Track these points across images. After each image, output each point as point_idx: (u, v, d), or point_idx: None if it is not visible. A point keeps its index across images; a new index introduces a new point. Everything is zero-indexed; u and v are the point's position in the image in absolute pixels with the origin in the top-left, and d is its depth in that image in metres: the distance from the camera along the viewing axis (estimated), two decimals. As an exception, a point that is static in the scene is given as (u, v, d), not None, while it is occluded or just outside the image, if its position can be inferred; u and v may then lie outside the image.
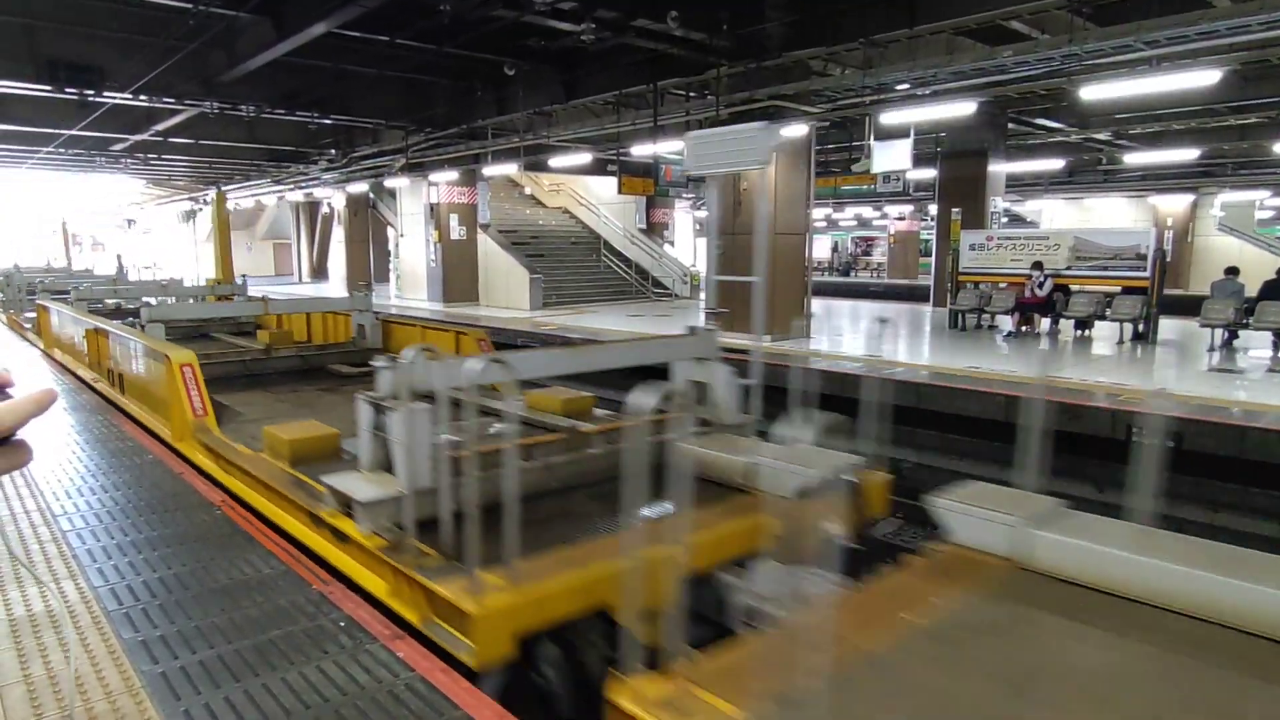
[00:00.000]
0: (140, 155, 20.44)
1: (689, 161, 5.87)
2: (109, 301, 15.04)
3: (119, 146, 18.88)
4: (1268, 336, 10.87)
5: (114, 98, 12.62)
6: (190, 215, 34.94)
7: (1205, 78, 10.03)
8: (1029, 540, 3.42)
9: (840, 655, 2.68)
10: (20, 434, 0.88)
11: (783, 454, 4.39)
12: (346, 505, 4.20)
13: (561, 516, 4.55)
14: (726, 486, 4.69)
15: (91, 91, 12.13)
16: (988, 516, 3.55)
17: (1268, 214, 30.50)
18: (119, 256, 37.33)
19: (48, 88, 11.87)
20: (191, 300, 14.86)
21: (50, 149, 18.86)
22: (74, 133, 16.01)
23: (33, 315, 14.85)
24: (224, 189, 29.58)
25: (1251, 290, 11.85)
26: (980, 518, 3.58)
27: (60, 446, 6.15)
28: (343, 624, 3.27)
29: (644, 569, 2.83)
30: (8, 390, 0.88)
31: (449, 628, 3.40)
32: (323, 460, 5.22)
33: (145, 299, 14.32)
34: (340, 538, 4.22)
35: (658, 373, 5.80)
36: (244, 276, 17.91)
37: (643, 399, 2.72)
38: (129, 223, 39.34)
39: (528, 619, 3.39)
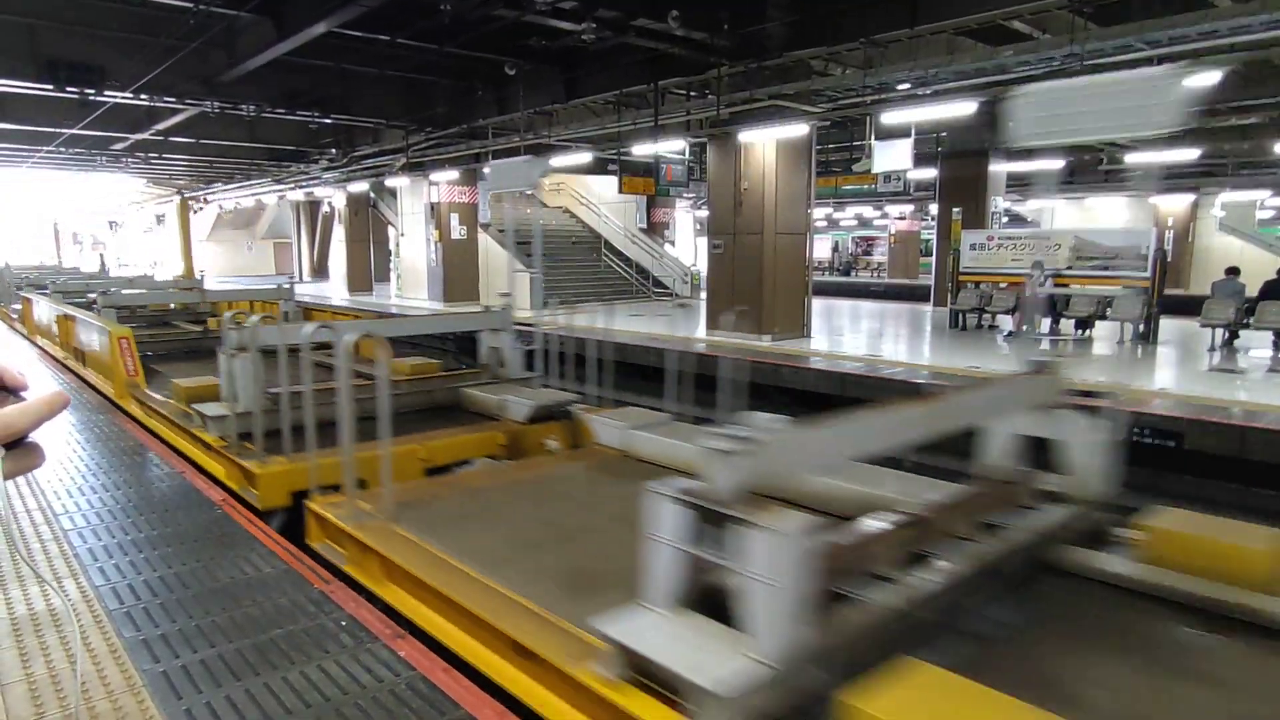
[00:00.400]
0: (141, 154, 20.44)
1: (490, 181, 7.21)
2: (90, 295, 15.60)
3: (119, 146, 18.89)
4: (1268, 336, 10.87)
5: (115, 97, 12.63)
6: (160, 219, 35.46)
7: (1206, 78, 10.03)
8: (629, 438, 5.65)
9: (478, 496, 4.89)
10: (31, 436, 0.88)
11: (525, 393, 6.63)
12: (204, 420, 6.19)
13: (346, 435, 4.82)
14: (487, 417, 6.70)
15: (92, 91, 12.13)
16: (612, 424, 5.85)
17: (1268, 214, 30.51)
18: (101, 255, 37.72)
19: (48, 87, 11.87)
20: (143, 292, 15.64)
21: (51, 148, 18.86)
22: (75, 132, 16.01)
23: (19, 307, 16.36)
24: (186, 195, 29.79)
25: (1252, 290, 11.86)
26: (610, 425, 5.86)
27: (61, 445, 6.15)
28: (344, 623, 3.27)
29: (389, 458, 4.26)
30: (21, 394, 0.89)
31: (249, 485, 5.21)
32: (207, 399, 6.77)
33: (112, 289, 14.77)
34: (203, 444, 6.13)
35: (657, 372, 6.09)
36: (202, 272, 18.51)
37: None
38: (112, 224, 39.50)
39: (298, 482, 4.91)
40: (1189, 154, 18.96)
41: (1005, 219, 19.30)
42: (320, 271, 34.02)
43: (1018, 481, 3.98)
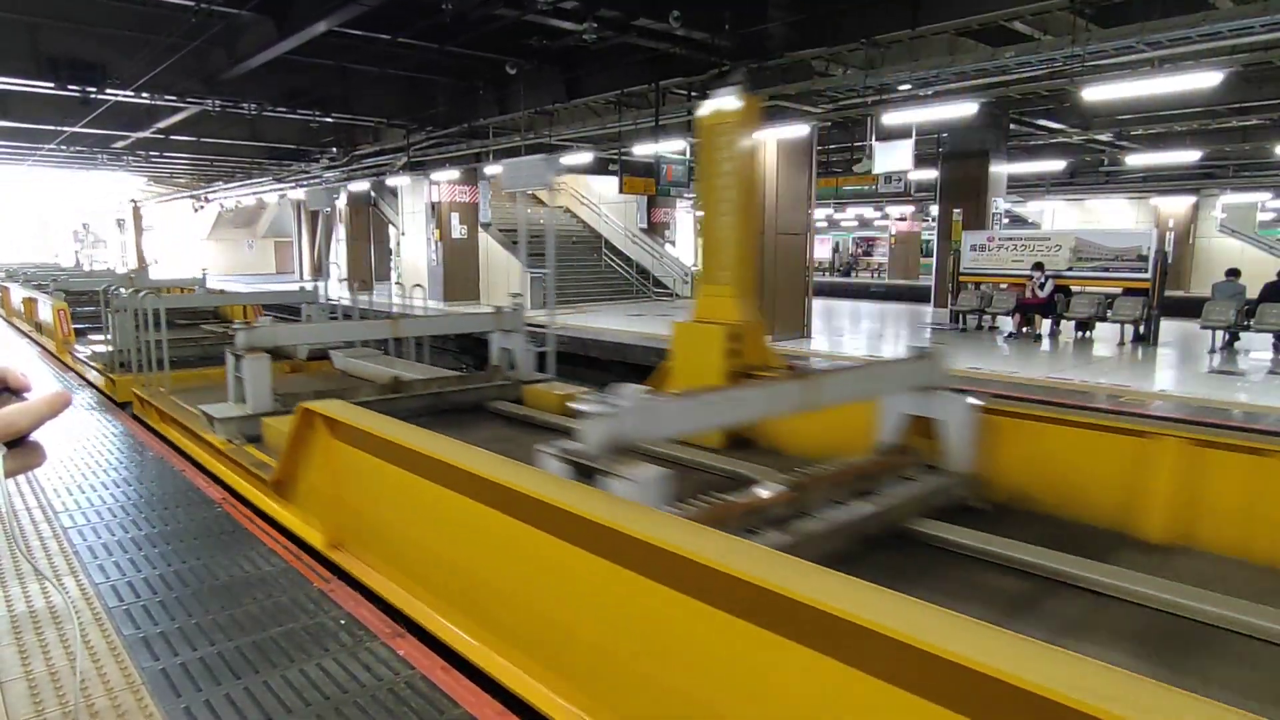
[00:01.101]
0: (142, 153, 20.44)
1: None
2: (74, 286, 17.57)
3: (120, 144, 18.89)
4: (1268, 338, 10.87)
5: (115, 95, 12.62)
6: (119, 223, 35.98)
7: (1207, 79, 10.02)
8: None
9: None
10: (33, 435, 0.89)
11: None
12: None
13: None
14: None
15: (93, 89, 12.12)
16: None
17: (1269, 216, 30.50)
18: (76, 253, 37.87)
19: (49, 85, 11.87)
20: (157, 293, 16.12)
21: (52, 146, 18.85)
22: (75, 130, 16.01)
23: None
24: (208, 190, 29.86)
25: (1252, 292, 11.85)
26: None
27: (61, 443, 6.15)
28: (343, 621, 3.27)
29: None
30: (24, 394, 0.90)
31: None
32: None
33: (119, 290, 15.54)
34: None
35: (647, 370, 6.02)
36: (204, 271, 18.35)
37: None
38: (119, 223, 39.38)
39: None
40: (1190, 156, 18.98)
41: (1006, 220, 19.28)
42: (320, 270, 34.02)
43: (904, 453, 4.68)
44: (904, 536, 4.19)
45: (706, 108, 6.47)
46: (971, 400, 4.67)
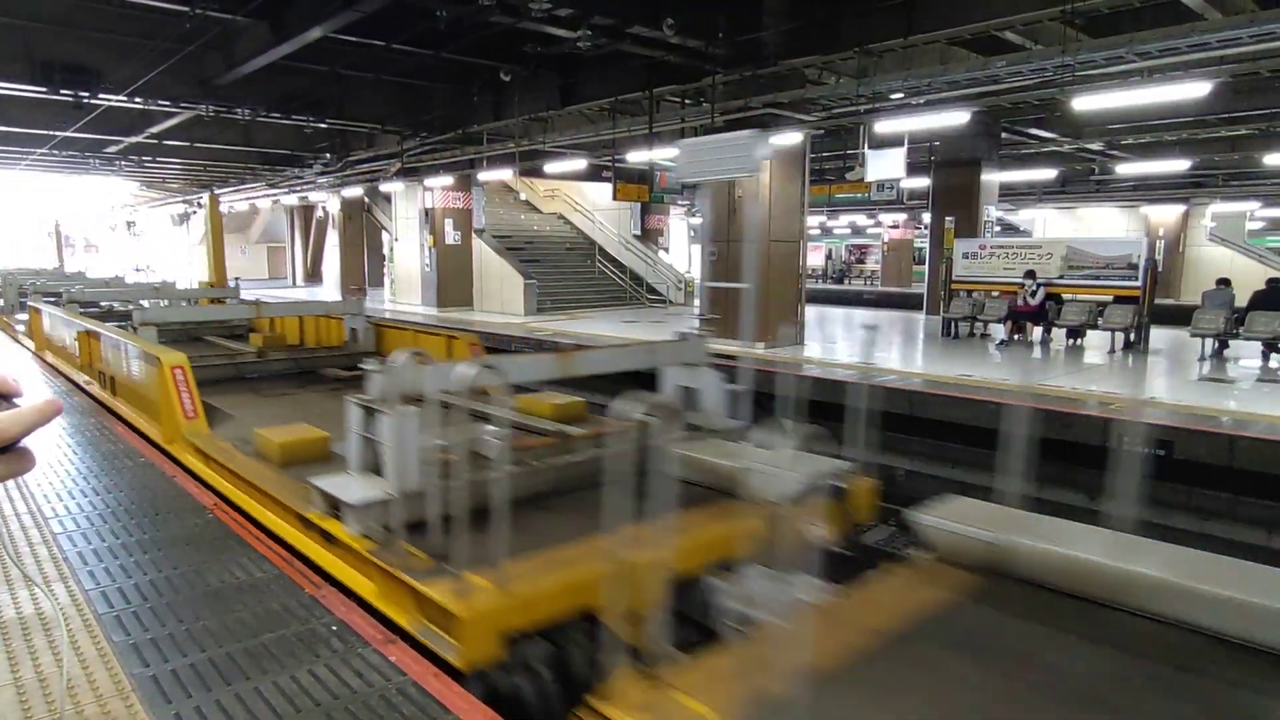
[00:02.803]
0: (135, 157, 20.41)
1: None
2: (103, 304, 14.82)
3: (114, 148, 18.84)
4: (1258, 346, 10.94)
5: (109, 100, 12.61)
6: (185, 218, 34.88)
7: (1196, 89, 10.10)
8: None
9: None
10: (23, 442, 0.90)
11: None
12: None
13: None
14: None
15: (87, 93, 12.11)
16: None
17: (1258, 225, 30.73)
18: (138, 266, 37.00)
19: (43, 89, 11.85)
20: (185, 303, 14.76)
21: (45, 150, 18.81)
22: (69, 134, 15.97)
23: (24, 317, 14.68)
24: (217, 192, 29.55)
25: (1242, 300, 11.93)
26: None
27: (52, 449, 6.12)
28: (334, 628, 3.27)
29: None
30: (15, 400, 0.91)
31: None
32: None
33: (140, 301, 14.22)
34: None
35: (649, 378, 5.95)
36: (237, 280, 17.78)
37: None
38: (129, 225, 39.18)
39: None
40: (1180, 165, 19.12)
41: (998, 228, 19.38)
42: (314, 276, 34.00)
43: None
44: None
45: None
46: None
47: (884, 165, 13.32)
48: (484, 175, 19.48)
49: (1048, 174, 21.48)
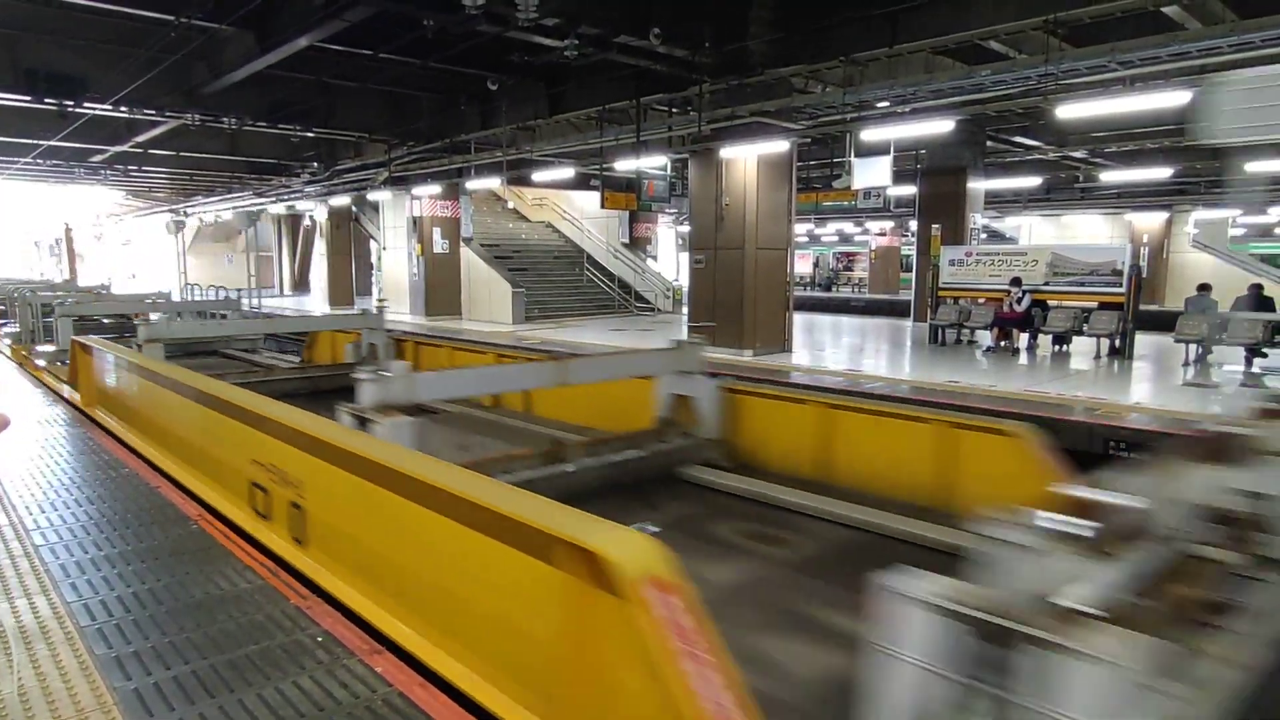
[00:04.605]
0: (120, 167, 20.29)
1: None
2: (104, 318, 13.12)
3: (99, 158, 18.75)
4: (1240, 351, 11.04)
5: (94, 109, 12.55)
6: (178, 225, 34.69)
7: (1177, 98, 10.23)
8: None
9: None
10: None
11: None
12: None
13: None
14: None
15: (71, 102, 12.04)
16: None
17: (1240, 231, 31.05)
18: (133, 274, 36.03)
19: (27, 97, 11.78)
20: (191, 316, 14.12)
21: (29, 159, 18.68)
22: (53, 143, 15.87)
23: (49, 349, 11.93)
24: (205, 200, 29.42)
25: (1225, 306, 12.05)
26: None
27: (34, 459, 6.06)
28: (320, 639, 3.24)
29: None
30: None
31: None
32: None
33: (148, 316, 13.26)
34: None
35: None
36: (239, 292, 17.36)
37: None
38: (118, 223, 38.83)
39: None
40: (1162, 172, 19.33)
41: (984, 235, 19.52)
42: (301, 285, 33.86)
43: (670, 424, 6.06)
44: (672, 478, 5.96)
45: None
46: (716, 382, 6.08)
47: (871, 173, 13.40)
48: (472, 184, 19.48)
49: (1033, 181, 21.67)
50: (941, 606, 1.91)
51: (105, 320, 13.92)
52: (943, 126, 12.29)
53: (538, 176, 18.34)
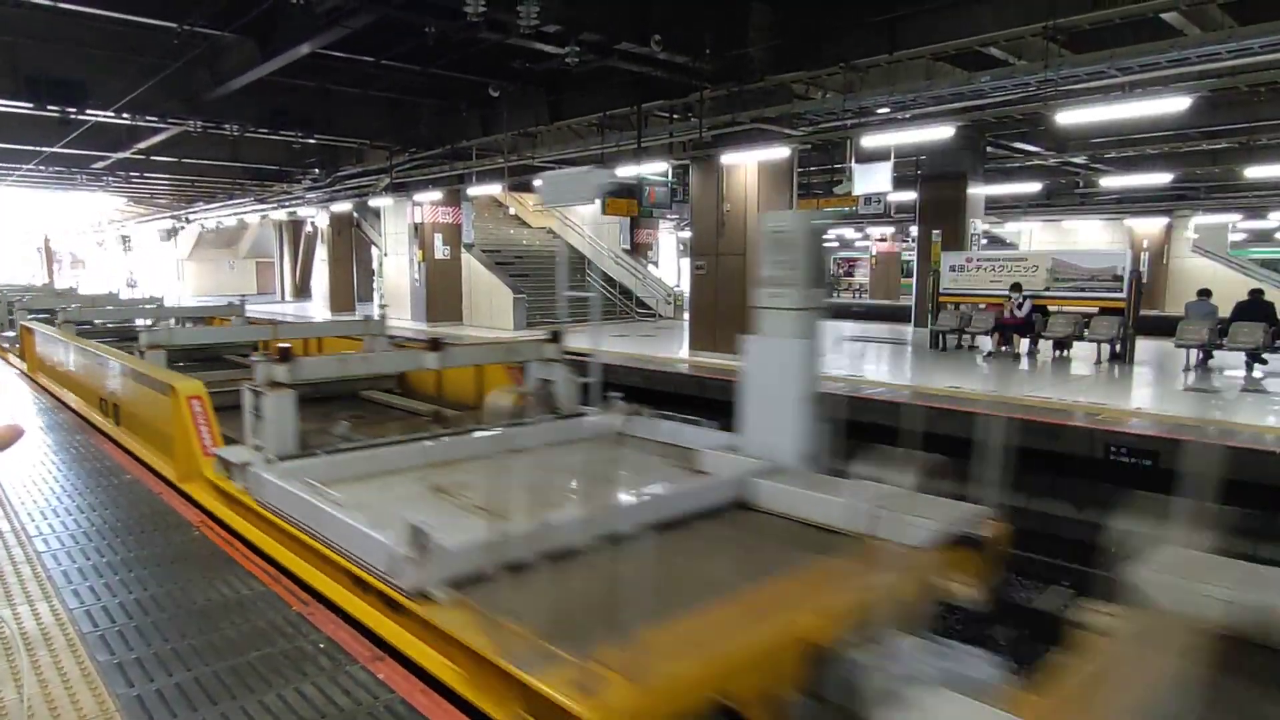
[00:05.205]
0: (122, 173, 20.33)
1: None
2: (96, 322, 13.92)
3: (100, 164, 18.77)
4: (1241, 356, 11.04)
5: (96, 115, 12.57)
6: (172, 233, 34.72)
7: (1177, 104, 10.25)
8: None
9: None
10: None
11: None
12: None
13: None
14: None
15: (73, 109, 12.06)
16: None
17: (1240, 236, 31.09)
18: (134, 281, 35.93)
19: (29, 104, 11.79)
20: (189, 323, 13.86)
21: (30, 166, 18.72)
22: (55, 150, 15.90)
23: (10, 335, 14.12)
24: (207, 206, 29.45)
25: (1225, 311, 12.04)
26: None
27: (36, 466, 6.07)
28: (322, 645, 3.24)
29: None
30: None
31: None
32: None
33: (140, 320, 13.52)
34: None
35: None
36: (242, 298, 17.40)
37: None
38: (124, 239, 38.87)
39: None
40: (1162, 178, 19.34)
41: (984, 241, 19.53)
42: (302, 291, 33.90)
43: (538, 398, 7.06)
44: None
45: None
46: (567, 370, 7.11)
47: (871, 179, 13.41)
48: (473, 190, 19.52)
49: (1033, 187, 21.68)
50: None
51: (109, 325, 14.15)
52: (943, 132, 12.31)
53: (539, 183, 18.35)
